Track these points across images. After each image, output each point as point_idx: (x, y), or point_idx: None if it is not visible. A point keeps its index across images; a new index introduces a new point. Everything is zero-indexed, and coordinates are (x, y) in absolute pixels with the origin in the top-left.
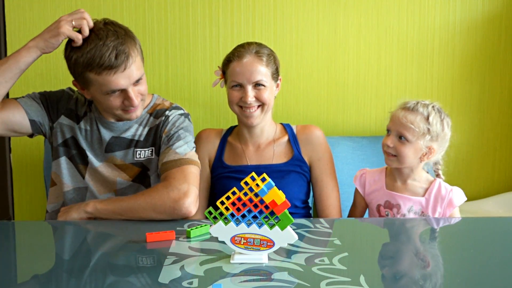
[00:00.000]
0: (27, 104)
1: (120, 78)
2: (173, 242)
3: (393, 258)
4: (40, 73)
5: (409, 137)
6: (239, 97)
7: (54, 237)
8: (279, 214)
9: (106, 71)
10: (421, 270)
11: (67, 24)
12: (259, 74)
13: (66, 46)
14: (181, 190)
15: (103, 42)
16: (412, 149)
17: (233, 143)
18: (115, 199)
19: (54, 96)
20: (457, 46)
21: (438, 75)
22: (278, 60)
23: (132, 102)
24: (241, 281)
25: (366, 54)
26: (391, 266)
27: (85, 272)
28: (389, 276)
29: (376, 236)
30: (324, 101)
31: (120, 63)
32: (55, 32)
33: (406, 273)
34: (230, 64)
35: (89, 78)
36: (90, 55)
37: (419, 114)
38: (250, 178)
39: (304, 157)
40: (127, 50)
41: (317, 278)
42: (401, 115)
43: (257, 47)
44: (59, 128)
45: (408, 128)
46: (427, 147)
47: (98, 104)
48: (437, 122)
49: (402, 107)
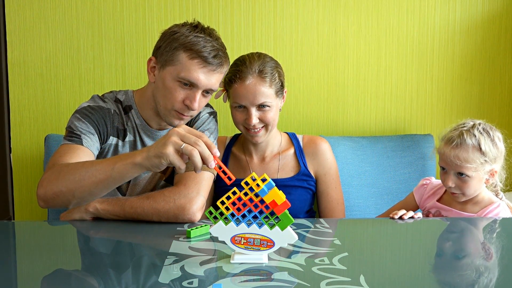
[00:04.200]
0: (91, 145)
1: (204, 74)
2: (173, 242)
3: (394, 258)
4: (40, 73)
5: (469, 173)
6: (243, 119)
7: (54, 238)
8: (279, 214)
9: (199, 60)
10: (424, 270)
11: (175, 146)
12: (262, 96)
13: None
14: (188, 197)
15: (212, 39)
16: (475, 181)
17: (238, 155)
18: (118, 200)
19: (101, 119)
20: (457, 46)
21: (438, 75)
22: (283, 72)
23: (193, 104)
24: (241, 281)
25: (366, 54)
26: (391, 266)
27: (84, 272)
28: (390, 276)
29: (376, 236)
30: (324, 101)
31: (213, 63)
32: (159, 151)
33: (407, 273)
34: (232, 85)
35: (178, 57)
36: (196, 39)
37: (469, 148)
38: (251, 178)
39: (310, 171)
40: (224, 62)
41: (317, 278)
42: (452, 156)
43: (260, 64)
44: (106, 149)
45: (465, 168)
46: (489, 172)
47: (157, 92)
48: (490, 146)
49: (449, 144)
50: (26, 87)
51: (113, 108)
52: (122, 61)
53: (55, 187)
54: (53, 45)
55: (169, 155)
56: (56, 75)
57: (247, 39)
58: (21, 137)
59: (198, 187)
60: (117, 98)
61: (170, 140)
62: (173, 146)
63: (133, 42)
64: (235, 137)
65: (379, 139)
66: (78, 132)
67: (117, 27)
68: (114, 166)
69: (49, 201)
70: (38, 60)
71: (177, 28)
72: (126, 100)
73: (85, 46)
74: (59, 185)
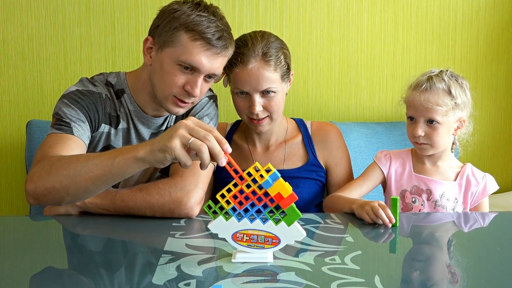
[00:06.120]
0: (82, 134)
1: (207, 58)
2: (168, 239)
3: (412, 257)
4: (21, 52)
5: (440, 119)
6: (246, 106)
7: (37, 234)
8: (285, 208)
9: (202, 42)
10: (443, 272)
11: (182, 140)
12: (266, 81)
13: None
14: (184, 190)
15: (216, 19)
16: (445, 130)
17: (239, 143)
18: (108, 193)
19: (92, 104)
20: (482, 22)
21: (461, 54)
22: (289, 53)
23: (194, 90)
24: (244, 282)
25: (382, 31)
26: (409, 267)
27: (70, 272)
28: (407, 277)
29: (392, 232)
30: (335, 84)
31: (217, 46)
32: (164, 145)
33: (425, 273)
34: (232, 69)
35: (179, 38)
36: (198, 19)
37: (439, 91)
38: (254, 168)
39: (320, 161)
40: (229, 44)
41: (328, 279)
42: (422, 99)
43: (264, 45)
44: (97, 138)
45: (435, 111)
46: (458, 120)
47: (154, 75)
48: (460, 91)
49: (418, 89)
50: (5, 68)
51: (104, 93)
52: (112, 39)
53: (47, 183)
54: (35, 21)
55: (175, 149)
56: (39, 55)
57: (250, 16)
58: (0, 123)
59: (196, 179)
60: (108, 81)
61: (177, 133)
62: (180, 139)
63: (124, 18)
64: (237, 123)
65: (396, 125)
66: (68, 120)
67: (106, 1)
68: (113, 161)
69: (39, 198)
70: (19, 37)
71: (178, 5)
72: (118, 83)
73: (71, 22)
74: (51, 181)
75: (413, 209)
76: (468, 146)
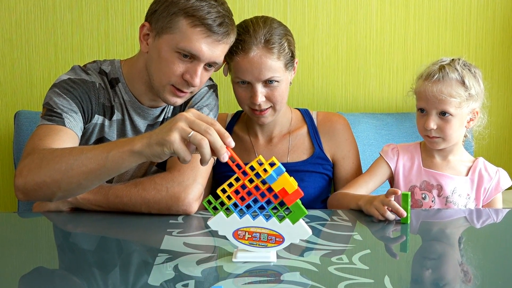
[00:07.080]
0: (74, 126)
1: (208, 45)
2: (165, 237)
3: (423, 256)
4: (9, 39)
5: (453, 111)
6: (247, 96)
7: (26, 232)
8: (290, 204)
9: (203, 28)
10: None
11: (182, 133)
12: (269, 70)
13: None
14: (182, 184)
15: (217, 4)
16: (458, 122)
17: (240, 135)
18: (101, 188)
19: (85, 94)
20: (498, 6)
21: (476, 42)
22: (293, 40)
23: (194, 79)
24: (245, 283)
25: (392, 15)
26: (420, 266)
27: (61, 272)
28: (418, 277)
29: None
30: (343, 72)
31: (218, 32)
32: (162, 138)
33: (437, 272)
34: (233, 57)
35: (178, 25)
36: (198, 4)
37: (453, 81)
38: (257, 162)
39: (326, 154)
40: (230, 31)
41: (334, 279)
42: (435, 90)
43: (266, 32)
44: (90, 129)
45: (449, 103)
46: (471, 111)
47: (151, 63)
48: (473, 81)
49: (429, 80)
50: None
51: (98, 82)
52: (105, 25)
53: (37, 177)
54: (24, 5)
55: (173, 143)
56: (27, 41)
57: (252, 0)
58: None
59: (195, 174)
60: (102, 69)
61: (177, 126)
62: (179, 133)
63: (118, 2)
64: (237, 114)
65: (407, 116)
66: (59, 111)
67: None
68: (108, 154)
69: (29, 193)
70: (7, 23)
71: None
72: (112, 71)
73: (62, 6)
74: (42, 175)
75: (423, 206)
76: (482, 139)
